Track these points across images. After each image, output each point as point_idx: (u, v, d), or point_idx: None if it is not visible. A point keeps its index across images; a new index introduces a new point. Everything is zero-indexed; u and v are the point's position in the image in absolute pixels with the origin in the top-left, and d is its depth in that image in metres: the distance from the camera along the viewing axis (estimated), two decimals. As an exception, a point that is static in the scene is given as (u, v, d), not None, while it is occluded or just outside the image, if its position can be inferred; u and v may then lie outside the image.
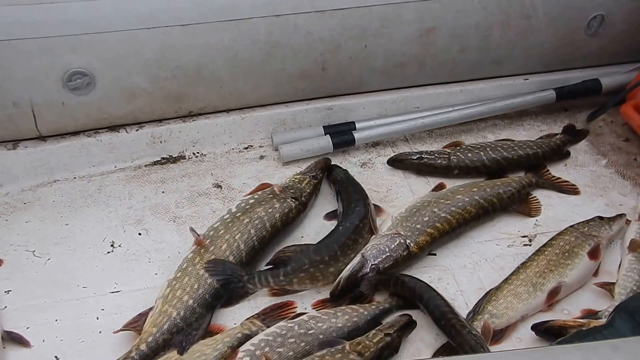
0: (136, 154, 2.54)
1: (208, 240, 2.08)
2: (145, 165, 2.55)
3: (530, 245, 2.28)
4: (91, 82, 2.34)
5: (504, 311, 2.04)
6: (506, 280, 2.14)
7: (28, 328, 1.93)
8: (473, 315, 2.05)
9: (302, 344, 1.85)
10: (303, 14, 2.44)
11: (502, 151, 2.59)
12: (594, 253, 2.19)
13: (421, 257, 2.20)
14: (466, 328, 1.85)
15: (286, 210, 2.23)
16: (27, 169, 2.41)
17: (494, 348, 1.95)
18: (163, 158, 2.58)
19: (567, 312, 2.08)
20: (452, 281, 2.14)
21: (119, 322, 1.91)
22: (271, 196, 2.26)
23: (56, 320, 1.97)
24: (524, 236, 2.31)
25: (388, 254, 2.12)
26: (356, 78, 2.67)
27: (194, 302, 1.94)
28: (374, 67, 2.65)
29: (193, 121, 2.58)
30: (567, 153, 2.70)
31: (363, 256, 2.10)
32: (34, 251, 2.18)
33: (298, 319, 1.92)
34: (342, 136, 2.63)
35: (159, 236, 2.27)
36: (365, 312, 1.98)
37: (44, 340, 1.91)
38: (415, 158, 2.57)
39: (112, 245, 2.22)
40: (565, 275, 2.14)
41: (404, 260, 2.14)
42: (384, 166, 2.60)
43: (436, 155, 2.58)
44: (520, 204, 2.41)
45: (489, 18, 2.65)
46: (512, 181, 2.44)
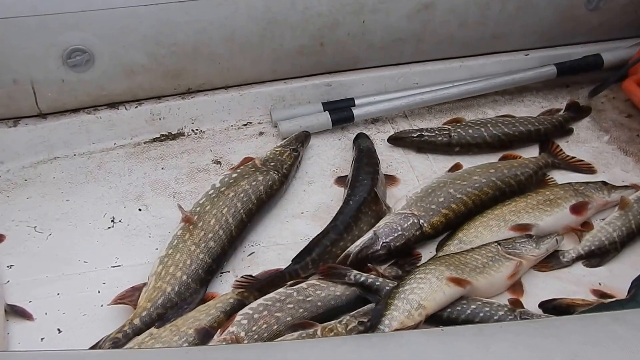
0: (135, 131, 2.60)
1: (196, 216, 2.14)
2: (144, 142, 2.61)
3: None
4: (90, 59, 2.40)
5: (472, 239, 2.19)
6: (482, 214, 2.27)
7: (31, 302, 2.00)
8: (445, 241, 2.20)
9: (300, 310, 1.92)
10: (300, -11, 2.48)
11: (503, 127, 2.63)
12: (578, 208, 2.27)
13: (435, 237, 2.24)
14: None
15: (270, 182, 2.30)
16: (28, 146, 2.47)
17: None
18: (162, 135, 2.64)
19: None
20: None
21: (120, 296, 1.99)
22: (253, 169, 2.32)
23: (58, 294, 2.04)
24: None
25: (400, 233, 2.16)
26: (355, 54, 2.71)
27: (188, 278, 2.01)
28: (373, 43, 2.69)
29: (192, 98, 2.64)
30: (570, 130, 2.74)
31: (375, 233, 2.15)
32: (36, 227, 2.25)
33: (297, 286, 1.99)
34: (341, 112, 2.68)
35: (159, 212, 2.33)
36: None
37: (47, 313, 1.98)
38: (415, 136, 2.61)
39: (113, 220, 2.29)
40: (540, 219, 2.23)
41: (417, 239, 2.19)
42: (384, 143, 2.65)
43: (437, 132, 2.61)
44: (536, 185, 2.43)
45: (489, -8, 2.67)
46: (529, 162, 2.48)
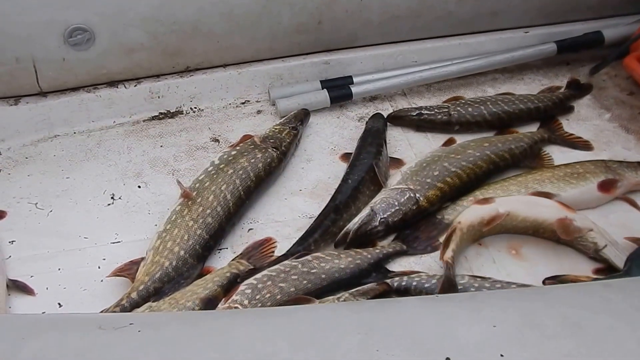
0: (134, 109, 2.65)
1: (195, 192, 2.18)
2: (143, 120, 2.66)
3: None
4: (91, 38, 2.44)
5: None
6: (504, 179, 2.31)
7: (32, 277, 2.05)
8: (460, 197, 2.25)
9: (304, 282, 1.95)
10: (298, -33, 2.52)
11: (503, 105, 2.64)
12: (606, 185, 2.26)
13: (430, 212, 2.26)
14: None
15: (268, 160, 2.33)
16: (28, 124, 2.53)
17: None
18: (161, 113, 2.69)
19: None
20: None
21: (120, 271, 2.05)
22: (252, 147, 2.35)
23: (59, 269, 2.09)
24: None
25: (397, 208, 2.19)
26: (352, 32, 2.74)
27: (185, 253, 2.05)
28: (371, 21, 2.71)
29: (190, 76, 2.68)
30: (571, 108, 2.76)
31: (372, 210, 2.18)
32: (37, 203, 2.30)
33: (302, 259, 2.01)
34: (340, 90, 2.71)
35: (158, 189, 2.38)
36: (368, 256, 2.08)
37: (48, 288, 2.03)
38: (414, 114, 2.64)
39: (113, 197, 2.34)
40: (563, 190, 2.23)
41: (414, 214, 2.21)
42: (382, 121, 2.69)
43: (436, 110, 2.64)
44: (532, 160, 2.45)
45: (487, -32, 2.70)
46: (525, 136, 2.49)
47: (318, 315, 1.36)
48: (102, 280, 2.06)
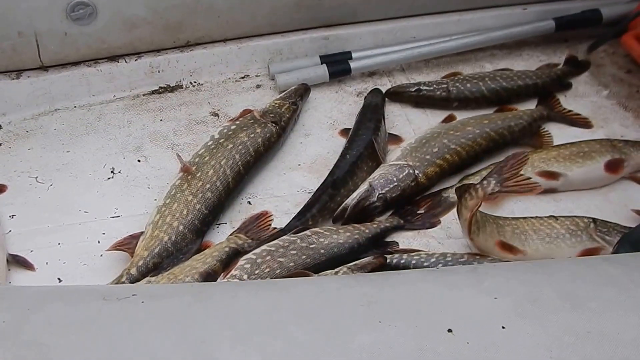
0: (135, 84, 2.61)
1: (194, 167, 2.15)
2: (143, 94, 2.62)
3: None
4: (93, 13, 2.40)
5: None
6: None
7: (32, 251, 2.03)
8: (467, 176, 2.22)
9: (303, 257, 1.94)
10: (299, -57, 2.45)
11: (502, 81, 2.62)
12: (612, 165, 2.23)
13: (429, 188, 2.25)
14: None
15: (267, 134, 2.30)
16: (29, 98, 2.48)
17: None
18: (161, 87, 2.64)
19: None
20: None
21: (119, 246, 2.01)
22: (252, 121, 2.32)
23: (59, 243, 2.06)
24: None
25: (396, 184, 2.16)
26: (352, 8, 2.69)
27: (184, 228, 2.02)
28: (371, -3, 2.66)
29: (190, 51, 2.64)
30: (569, 84, 2.72)
31: (370, 185, 2.15)
32: (37, 177, 2.27)
33: (300, 234, 2.00)
34: (338, 65, 2.67)
35: (158, 163, 2.35)
36: (366, 231, 2.07)
37: (47, 262, 2.00)
38: (413, 90, 2.61)
39: (112, 171, 2.31)
40: (569, 169, 2.21)
41: (412, 190, 2.19)
42: (380, 96, 2.64)
43: (435, 86, 2.61)
44: (531, 137, 2.43)
45: (486, -56, 2.63)
46: (524, 114, 2.45)
47: (321, 287, 1.34)
48: (102, 254, 2.03)
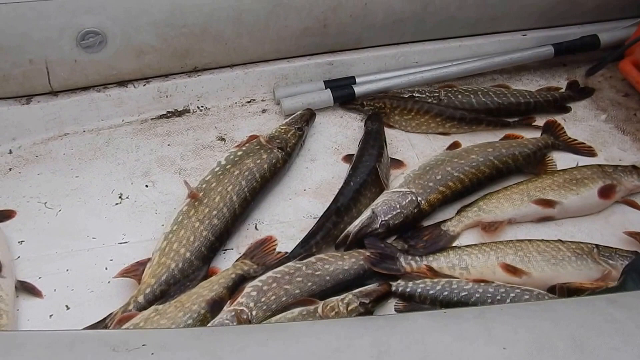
0: (143, 108, 2.57)
1: (201, 193, 2.11)
2: (151, 118, 2.57)
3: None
4: (103, 41, 2.36)
5: (493, 209, 2.17)
6: (507, 187, 2.24)
7: (40, 278, 1.98)
8: (464, 207, 2.17)
9: (309, 284, 1.90)
10: (305, -26, 2.43)
11: (494, 96, 2.62)
12: (605, 191, 2.20)
13: (432, 215, 2.20)
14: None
15: (274, 160, 2.26)
16: (39, 123, 2.44)
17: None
18: (169, 112, 2.60)
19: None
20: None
21: (127, 273, 1.97)
22: (258, 147, 2.28)
23: (67, 270, 2.02)
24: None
25: (398, 211, 2.12)
26: (356, 34, 2.66)
27: (191, 255, 1.98)
28: (374, 24, 2.64)
29: (198, 76, 2.60)
30: (568, 108, 2.69)
31: (373, 212, 2.11)
32: (46, 202, 2.22)
33: (306, 260, 1.96)
34: (343, 90, 2.64)
35: (165, 188, 2.30)
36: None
37: (55, 289, 1.96)
38: (407, 97, 2.60)
39: (120, 197, 2.26)
40: (564, 197, 2.18)
41: (415, 217, 2.14)
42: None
43: (427, 94, 2.61)
44: (535, 166, 2.38)
45: (487, -25, 2.62)
46: (529, 142, 2.42)
47: (331, 335, 1.29)
48: (109, 281, 1.99)
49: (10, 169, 2.33)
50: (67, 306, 1.93)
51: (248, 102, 2.68)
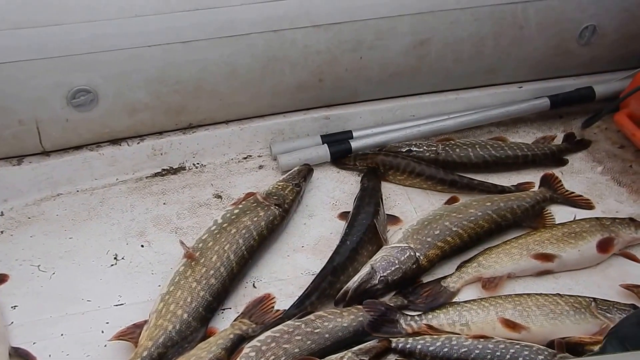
0: (137, 166, 2.56)
1: (198, 252, 2.09)
2: (146, 177, 2.56)
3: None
4: (94, 99, 2.36)
5: (492, 264, 2.16)
6: (506, 241, 2.24)
7: (34, 343, 1.94)
8: (465, 263, 2.16)
9: (308, 342, 1.87)
10: (300, 29, 2.45)
11: (491, 149, 2.62)
12: (603, 245, 2.21)
13: (431, 271, 2.19)
14: None
15: (271, 217, 2.25)
16: (31, 184, 2.42)
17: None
18: (164, 169, 2.59)
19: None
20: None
21: (124, 335, 1.93)
22: (255, 204, 2.27)
23: (62, 334, 1.98)
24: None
25: (397, 266, 2.11)
26: (352, 88, 2.68)
27: (189, 316, 1.95)
28: (370, 78, 2.66)
29: (193, 133, 2.60)
30: (565, 161, 2.70)
31: (372, 268, 2.10)
32: (39, 265, 2.19)
33: (304, 318, 1.94)
34: (340, 145, 2.64)
35: (161, 247, 2.28)
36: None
37: (50, 355, 1.91)
38: (404, 151, 2.60)
39: (116, 257, 2.24)
40: (563, 250, 2.18)
41: (414, 272, 2.13)
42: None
43: (425, 148, 2.60)
44: (534, 219, 2.37)
45: (482, 29, 2.65)
46: (527, 196, 2.41)
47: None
48: (106, 345, 1.95)
49: (1, 232, 2.30)
50: (62, 373, 1.88)
51: (244, 159, 2.67)
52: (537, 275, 2.19)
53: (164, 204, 2.45)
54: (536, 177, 2.59)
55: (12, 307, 2.05)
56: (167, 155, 2.58)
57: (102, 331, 1.99)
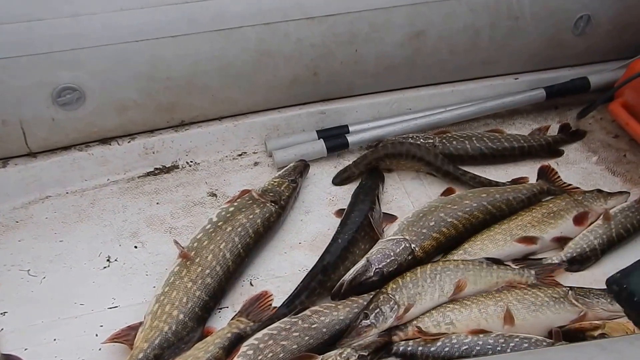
0: (129, 166, 2.48)
1: (193, 252, 2.03)
2: (138, 176, 2.48)
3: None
4: (81, 97, 2.28)
5: (478, 251, 2.17)
6: (489, 227, 2.24)
7: (26, 349, 1.87)
8: (450, 251, 2.19)
9: (306, 338, 1.85)
10: (293, 21, 2.39)
11: (488, 142, 2.60)
12: (580, 219, 2.27)
13: (427, 262, 2.14)
14: None
15: (267, 215, 2.20)
16: (18, 187, 2.33)
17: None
18: (156, 168, 2.51)
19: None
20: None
21: (118, 338, 1.87)
22: (250, 202, 2.21)
23: (54, 339, 1.91)
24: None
25: (393, 258, 2.08)
26: (348, 82, 2.62)
27: (185, 316, 1.90)
28: (366, 71, 2.60)
29: (185, 130, 2.52)
30: (561, 152, 2.68)
31: (368, 260, 2.08)
32: (29, 270, 2.11)
33: (301, 314, 1.91)
34: (336, 140, 2.59)
35: (155, 248, 2.21)
36: (365, 303, 1.98)
37: (43, 361, 1.84)
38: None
39: (108, 260, 2.16)
40: (545, 231, 2.23)
41: (409, 264, 2.10)
42: (378, 169, 2.55)
43: (422, 141, 2.56)
44: None
45: (477, 20, 2.61)
46: (523, 188, 2.39)
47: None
48: (100, 348, 1.88)
49: (-11, 237, 2.22)
50: (56, 378, 1.81)
51: (239, 155, 2.60)
52: (523, 258, 2.20)
53: (158, 204, 2.37)
54: (533, 169, 2.56)
55: (2, 314, 1.97)
56: (160, 153, 2.51)
57: (96, 335, 1.93)
